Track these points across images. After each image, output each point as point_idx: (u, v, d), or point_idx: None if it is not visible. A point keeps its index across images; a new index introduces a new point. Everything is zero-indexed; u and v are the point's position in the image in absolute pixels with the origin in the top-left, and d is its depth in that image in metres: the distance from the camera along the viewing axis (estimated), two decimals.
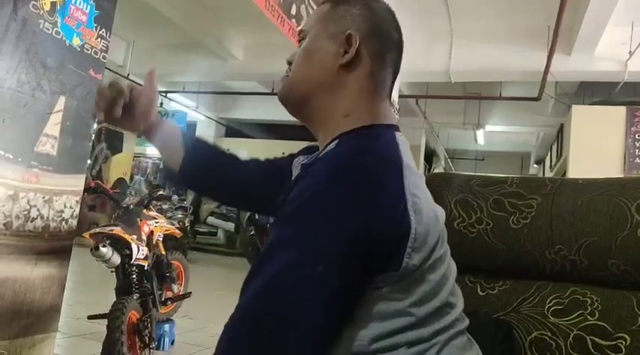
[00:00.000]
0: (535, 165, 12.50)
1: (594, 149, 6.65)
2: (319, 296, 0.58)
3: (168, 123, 0.95)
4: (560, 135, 8.28)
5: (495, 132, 9.87)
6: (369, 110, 0.74)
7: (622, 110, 6.67)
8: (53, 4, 1.95)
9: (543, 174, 10.86)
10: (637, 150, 6.59)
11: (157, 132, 0.93)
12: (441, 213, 0.71)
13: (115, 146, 8.01)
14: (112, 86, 0.85)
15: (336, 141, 0.71)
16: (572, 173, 6.71)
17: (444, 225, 0.70)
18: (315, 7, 3.64)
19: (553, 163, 9.27)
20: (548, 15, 4.89)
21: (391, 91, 0.79)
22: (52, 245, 2.01)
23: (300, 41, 0.80)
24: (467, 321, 0.71)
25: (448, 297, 0.67)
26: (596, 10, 4.65)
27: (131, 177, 9.47)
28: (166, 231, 2.70)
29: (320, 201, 0.60)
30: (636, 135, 6.60)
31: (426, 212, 0.64)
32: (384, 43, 0.76)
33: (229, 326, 0.59)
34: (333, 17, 0.77)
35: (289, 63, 0.81)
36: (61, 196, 2.06)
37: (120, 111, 0.85)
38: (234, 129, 11.64)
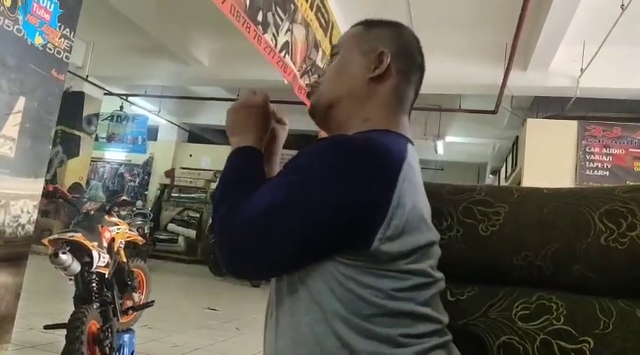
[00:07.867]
0: (490, 176, 12.86)
1: (547, 161, 6.91)
2: (284, 239, 0.66)
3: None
4: (515, 147, 8.56)
5: (454, 143, 10.13)
6: (388, 119, 0.79)
7: (574, 124, 6.97)
8: (14, 1, 1.88)
9: (498, 184, 11.20)
10: (587, 163, 6.90)
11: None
12: (435, 235, 0.75)
13: (71, 149, 7.67)
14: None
15: None
16: (527, 183, 6.94)
17: (439, 248, 0.76)
18: (282, 15, 3.59)
19: (508, 174, 9.58)
20: (506, 32, 5.07)
21: (411, 108, 0.85)
22: (8, 251, 1.92)
23: (332, 56, 0.86)
24: (449, 336, 0.73)
25: (423, 308, 0.70)
26: (551, 28, 4.88)
27: (87, 182, 9.15)
28: (128, 237, 2.62)
29: (315, 167, 0.66)
30: (587, 148, 6.92)
31: (411, 216, 0.67)
32: (409, 63, 0.83)
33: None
34: (366, 37, 0.84)
35: (319, 76, 0.86)
36: (18, 201, 1.97)
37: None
38: (197, 135, 11.43)
